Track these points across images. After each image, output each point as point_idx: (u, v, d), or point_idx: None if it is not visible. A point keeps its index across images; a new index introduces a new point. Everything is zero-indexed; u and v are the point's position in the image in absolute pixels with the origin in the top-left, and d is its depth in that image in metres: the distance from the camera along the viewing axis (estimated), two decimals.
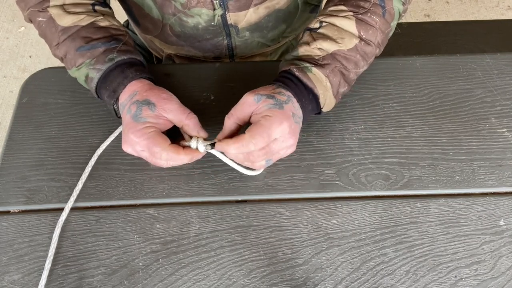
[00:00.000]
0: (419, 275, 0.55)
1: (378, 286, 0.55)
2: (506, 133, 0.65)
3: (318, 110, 0.61)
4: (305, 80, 0.58)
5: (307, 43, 0.61)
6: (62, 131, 0.66)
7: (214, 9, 0.69)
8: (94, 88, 0.61)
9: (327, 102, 0.60)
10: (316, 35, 0.61)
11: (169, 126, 0.58)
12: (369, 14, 0.60)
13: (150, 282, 0.55)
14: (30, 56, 1.77)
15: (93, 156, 0.63)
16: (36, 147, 0.65)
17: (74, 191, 0.60)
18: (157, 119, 0.56)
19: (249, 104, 0.56)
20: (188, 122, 0.57)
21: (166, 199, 0.61)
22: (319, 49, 0.60)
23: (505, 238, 0.57)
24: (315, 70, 0.59)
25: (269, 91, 0.57)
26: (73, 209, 0.60)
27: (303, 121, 0.59)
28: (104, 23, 0.62)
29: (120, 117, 0.63)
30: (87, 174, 0.62)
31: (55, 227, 0.58)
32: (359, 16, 0.60)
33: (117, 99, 0.60)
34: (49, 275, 0.56)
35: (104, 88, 0.60)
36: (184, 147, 0.57)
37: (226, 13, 0.70)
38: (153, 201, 0.61)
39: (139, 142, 0.55)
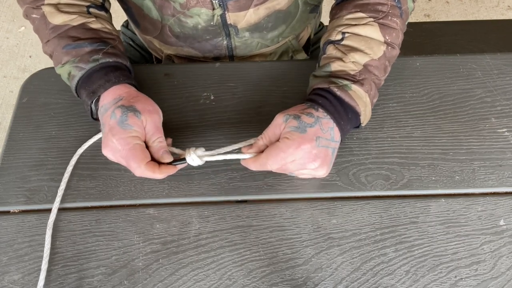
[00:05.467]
0: (419, 275, 0.55)
1: (378, 286, 0.55)
2: (506, 133, 0.65)
3: (357, 125, 0.61)
4: (347, 99, 0.57)
5: (340, 58, 0.60)
6: (62, 131, 0.66)
7: (214, 9, 0.69)
8: (75, 86, 0.61)
9: (367, 116, 0.60)
10: (343, 48, 0.61)
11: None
12: (389, 17, 0.60)
13: (150, 282, 0.55)
14: (30, 56, 1.77)
15: (74, 155, 0.63)
16: (36, 147, 0.65)
17: (58, 190, 0.60)
18: (142, 128, 0.56)
19: (278, 125, 0.56)
20: (154, 145, 0.56)
21: (166, 199, 0.61)
22: (353, 62, 0.59)
23: (505, 238, 0.57)
24: (354, 87, 0.58)
25: (298, 111, 0.56)
26: (73, 209, 0.60)
27: (341, 142, 0.58)
28: (95, 25, 0.63)
29: (95, 119, 0.63)
30: (69, 173, 0.62)
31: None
32: (381, 21, 0.60)
33: (97, 100, 0.60)
34: (49, 275, 0.56)
35: (83, 88, 0.60)
36: (160, 163, 0.56)
37: (226, 13, 0.70)
38: (153, 201, 0.61)
39: (121, 151, 0.55)
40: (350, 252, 0.57)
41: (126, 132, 0.55)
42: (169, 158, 0.57)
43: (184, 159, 0.58)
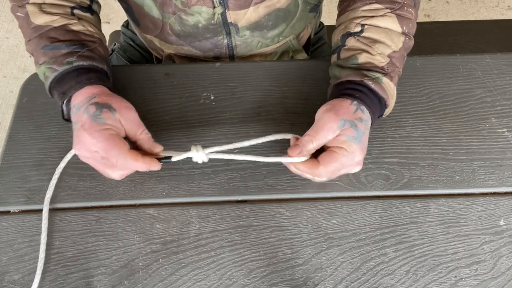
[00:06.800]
0: (419, 275, 0.55)
1: (378, 286, 0.55)
2: (506, 133, 0.65)
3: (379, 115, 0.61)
4: (381, 93, 0.57)
5: (366, 50, 0.60)
6: (62, 131, 0.66)
7: (214, 7, 0.69)
8: (48, 87, 0.61)
9: (391, 108, 0.61)
10: (365, 40, 0.61)
11: (124, 135, 0.57)
12: (405, 8, 0.61)
13: (150, 282, 0.55)
14: (30, 56, 1.77)
15: (64, 158, 0.63)
16: (36, 147, 0.65)
17: (47, 192, 0.60)
18: (117, 123, 0.55)
19: (332, 130, 0.54)
20: (142, 137, 0.56)
21: (166, 199, 0.61)
22: (380, 54, 0.59)
23: (505, 238, 0.57)
24: (385, 80, 0.58)
25: (351, 115, 0.55)
26: (73, 209, 0.60)
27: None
28: (76, 27, 0.63)
29: (66, 120, 0.62)
30: (58, 174, 0.61)
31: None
32: (397, 11, 0.60)
33: (68, 100, 0.59)
34: (49, 275, 0.56)
35: (55, 89, 0.60)
36: (144, 155, 0.56)
37: (226, 11, 0.70)
38: (153, 201, 0.61)
39: (96, 144, 0.53)
40: (350, 252, 0.57)
41: (100, 125, 0.54)
42: (160, 147, 0.57)
43: (170, 157, 0.57)
